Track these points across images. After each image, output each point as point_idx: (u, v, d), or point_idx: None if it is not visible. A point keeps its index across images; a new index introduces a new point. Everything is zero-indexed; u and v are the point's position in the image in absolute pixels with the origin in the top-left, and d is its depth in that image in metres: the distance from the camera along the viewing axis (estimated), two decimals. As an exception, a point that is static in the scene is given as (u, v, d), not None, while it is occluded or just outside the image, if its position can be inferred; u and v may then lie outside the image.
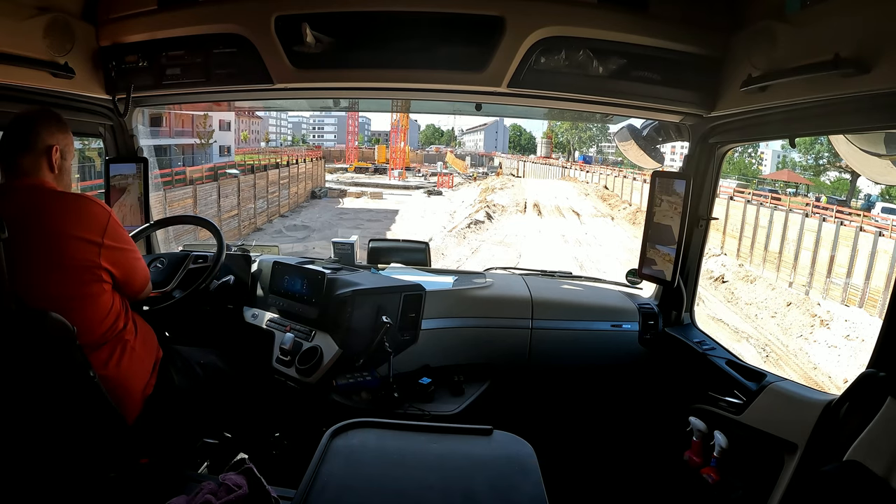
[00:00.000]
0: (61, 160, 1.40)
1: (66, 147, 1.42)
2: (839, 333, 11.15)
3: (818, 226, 14.62)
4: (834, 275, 13.59)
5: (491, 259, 16.18)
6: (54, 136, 1.39)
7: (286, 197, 26.44)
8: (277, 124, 65.19)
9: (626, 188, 28.88)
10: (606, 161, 49.52)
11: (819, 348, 10.90)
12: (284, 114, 64.53)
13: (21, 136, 1.35)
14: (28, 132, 1.36)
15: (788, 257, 15.28)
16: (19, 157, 1.34)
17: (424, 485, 1.03)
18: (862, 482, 1.01)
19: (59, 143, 1.39)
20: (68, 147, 1.43)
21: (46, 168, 1.37)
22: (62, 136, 1.41)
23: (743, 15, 1.56)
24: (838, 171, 27.09)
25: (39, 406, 1.25)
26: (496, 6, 1.61)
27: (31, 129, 1.36)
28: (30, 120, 1.38)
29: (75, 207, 1.33)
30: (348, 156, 54.18)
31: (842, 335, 11.06)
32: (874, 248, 12.77)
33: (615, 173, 33.49)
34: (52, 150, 1.37)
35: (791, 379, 1.60)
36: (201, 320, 2.05)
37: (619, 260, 16.15)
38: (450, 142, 76.03)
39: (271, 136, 60.10)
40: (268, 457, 1.88)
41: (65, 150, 1.41)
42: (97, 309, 1.36)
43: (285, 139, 65.70)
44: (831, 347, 10.76)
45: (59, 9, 1.68)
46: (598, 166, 43.49)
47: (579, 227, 22.94)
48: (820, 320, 11.81)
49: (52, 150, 1.37)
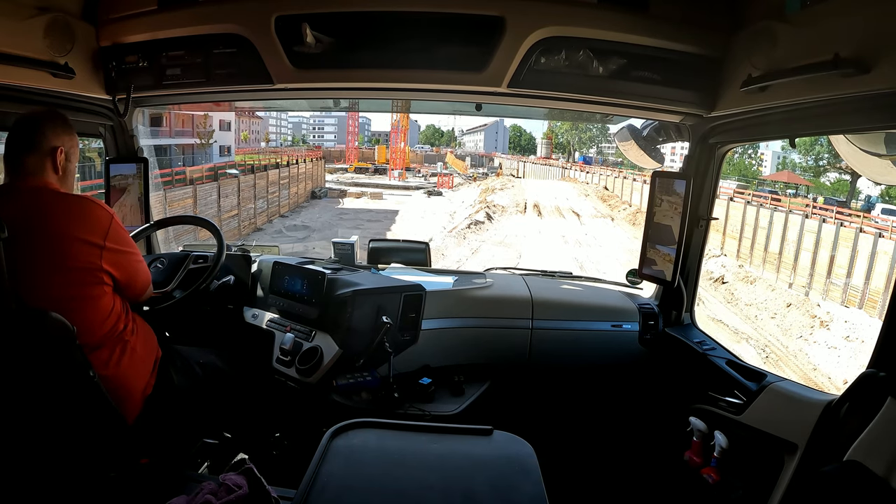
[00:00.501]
0: (66, 162, 1.40)
1: (70, 149, 1.42)
2: (839, 334, 11.20)
3: (818, 227, 14.64)
4: (834, 276, 13.61)
5: (491, 259, 16.17)
6: (60, 137, 1.38)
7: (286, 197, 26.48)
8: (277, 124, 65.26)
9: (626, 189, 28.94)
10: (606, 162, 49.66)
11: (819, 349, 10.96)
12: (284, 114, 64.62)
13: (27, 137, 1.35)
14: (34, 132, 1.35)
15: (788, 258, 15.29)
16: (24, 157, 1.34)
17: (424, 485, 1.03)
18: (862, 482, 1.01)
19: (65, 144, 1.39)
20: (73, 149, 1.43)
21: (50, 169, 1.37)
22: (67, 138, 1.41)
23: (743, 15, 1.56)
24: (838, 171, 27.09)
25: (39, 406, 1.25)
26: (496, 6, 1.61)
27: (37, 129, 1.36)
28: (36, 120, 1.37)
29: (78, 209, 1.33)
30: (348, 156, 54.22)
31: (842, 336, 11.10)
32: (874, 248, 12.82)
33: (615, 174, 33.57)
34: (56, 151, 1.37)
35: (791, 379, 1.60)
36: (201, 320, 2.05)
37: (619, 261, 16.13)
38: (450, 142, 76.20)
39: (271, 136, 60.16)
40: (268, 457, 1.88)
41: (69, 152, 1.41)
42: (98, 310, 1.36)
43: (285, 139, 65.82)
44: (831, 348, 10.83)
45: (59, 9, 1.68)
46: (598, 167, 43.58)
47: (579, 228, 22.97)
48: (820, 321, 11.87)
49: (56, 151, 1.37)
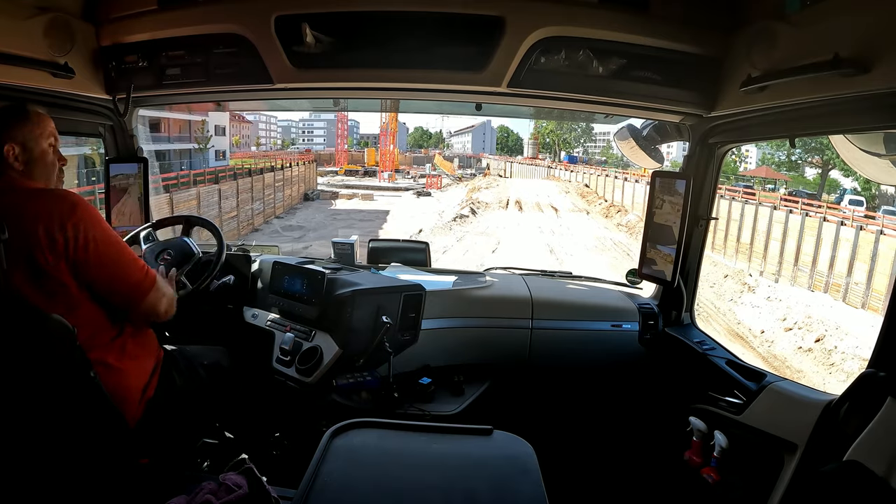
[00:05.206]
0: (24, 154, 1.32)
1: (29, 140, 1.33)
2: (762, 296, 13.45)
3: (785, 217, 15.85)
4: (800, 262, 14.99)
5: (473, 246, 18.25)
6: (8, 133, 1.31)
7: (280, 199, 26.89)
8: (267, 128, 65.14)
9: (607, 186, 30.17)
10: (591, 161, 50.51)
11: (744, 308, 13.37)
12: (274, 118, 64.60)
13: None
14: None
15: (759, 248, 16.58)
16: None
17: (424, 485, 1.03)
18: (862, 482, 1.01)
19: (17, 138, 1.31)
20: (36, 139, 1.34)
21: (8, 168, 1.30)
22: (21, 131, 1.32)
23: (743, 15, 1.56)
24: (810, 166, 27.94)
25: (39, 406, 1.25)
26: (496, 6, 1.61)
27: None
28: None
29: (37, 202, 1.26)
30: (338, 159, 54.17)
31: (763, 297, 13.37)
32: (837, 236, 14.07)
33: (598, 172, 34.71)
34: (4, 150, 1.29)
35: (791, 380, 1.60)
36: (201, 320, 2.04)
37: (587, 246, 18.74)
38: (438, 144, 76.52)
39: (261, 140, 60.21)
40: (268, 457, 1.88)
41: (29, 143, 1.33)
42: (93, 306, 1.34)
43: (275, 143, 65.69)
44: (755, 307, 13.15)
45: (59, 9, 1.67)
46: (582, 166, 44.22)
47: (555, 220, 24.56)
48: (748, 287, 14.19)
49: (4, 150, 1.29)
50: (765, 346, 11.36)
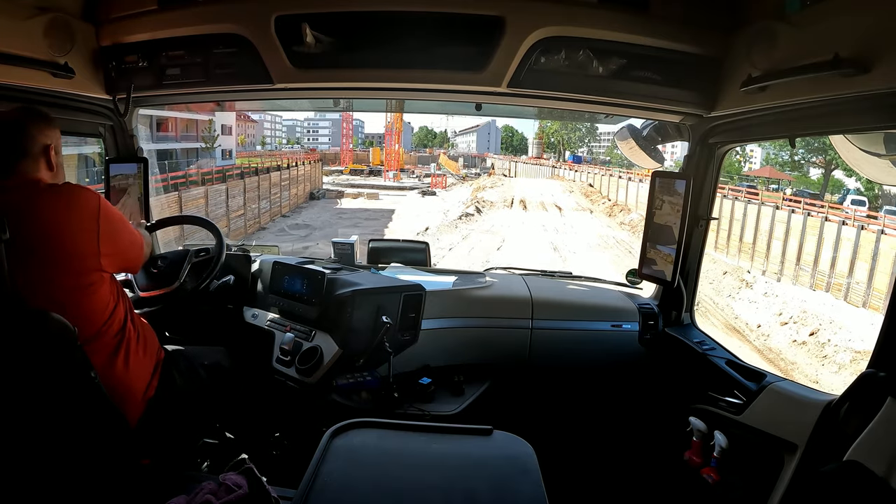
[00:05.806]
0: (56, 156, 1.39)
1: (57, 143, 1.41)
2: (759, 292, 13.79)
3: (787, 217, 16.00)
4: (802, 262, 15.16)
5: (478, 243, 18.53)
6: (47, 134, 1.37)
7: (287, 198, 27.03)
8: (272, 127, 65.29)
9: (611, 186, 30.43)
10: (595, 160, 50.58)
11: (742, 304, 13.79)
12: (279, 117, 64.79)
13: (14, 142, 1.32)
14: (21, 137, 1.33)
15: (761, 247, 16.74)
16: (17, 164, 1.32)
17: (424, 485, 1.03)
18: (862, 482, 1.01)
19: (53, 140, 1.38)
20: (59, 142, 1.42)
21: (45, 168, 1.36)
22: (52, 133, 1.39)
23: (743, 15, 1.56)
24: (814, 166, 27.93)
25: (40, 406, 1.25)
26: (496, 6, 1.61)
27: (24, 132, 1.33)
28: (20, 123, 1.34)
29: (66, 198, 1.31)
30: (343, 158, 54.32)
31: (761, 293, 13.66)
32: (838, 236, 14.21)
33: (602, 172, 34.92)
34: (48, 149, 1.36)
35: (791, 380, 1.60)
36: (201, 320, 2.05)
37: (590, 244, 19.16)
38: (443, 143, 76.71)
39: (266, 139, 60.28)
40: (268, 457, 1.89)
41: (57, 146, 1.40)
42: (97, 300, 1.35)
43: (280, 142, 65.87)
44: (752, 303, 13.54)
45: (59, 9, 1.67)
46: (586, 165, 44.45)
47: (559, 219, 25.01)
48: (745, 283, 14.53)
49: (48, 149, 1.36)
50: (761, 340, 11.62)
